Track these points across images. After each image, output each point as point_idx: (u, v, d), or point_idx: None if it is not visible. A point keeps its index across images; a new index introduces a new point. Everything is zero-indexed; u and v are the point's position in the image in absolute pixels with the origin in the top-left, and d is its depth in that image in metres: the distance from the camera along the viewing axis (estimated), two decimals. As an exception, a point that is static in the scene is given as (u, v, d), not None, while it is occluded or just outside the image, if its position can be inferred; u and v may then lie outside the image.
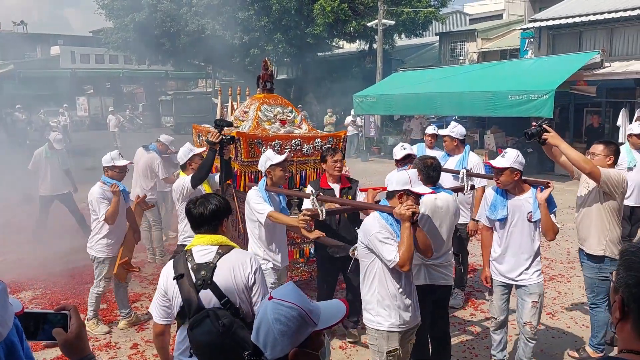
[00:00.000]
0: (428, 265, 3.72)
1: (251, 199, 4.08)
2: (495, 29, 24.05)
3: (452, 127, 5.63)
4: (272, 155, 4.13)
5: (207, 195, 2.84)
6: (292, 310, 1.56)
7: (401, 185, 3.09)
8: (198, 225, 2.71)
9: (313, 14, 20.93)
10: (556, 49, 15.59)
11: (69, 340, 1.50)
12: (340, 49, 29.15)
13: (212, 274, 2.57)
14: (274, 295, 1.62)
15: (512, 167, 3.69)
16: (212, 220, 2.68)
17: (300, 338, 1.57)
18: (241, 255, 2.69)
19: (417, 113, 16.94)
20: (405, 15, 21.56)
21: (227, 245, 2.68)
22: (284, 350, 1.56)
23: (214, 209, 2.67)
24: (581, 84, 12.78)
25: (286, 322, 1.55)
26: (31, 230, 8.30)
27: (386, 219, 3.13)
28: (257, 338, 1.59)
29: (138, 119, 31.20)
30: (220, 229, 2.71)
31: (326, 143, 5.22)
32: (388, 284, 3.14)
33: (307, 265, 5.74)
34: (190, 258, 2.64)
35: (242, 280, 2.59)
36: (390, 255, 3.00)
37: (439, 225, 3.72)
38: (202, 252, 2.65)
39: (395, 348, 3.18)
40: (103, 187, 4.91)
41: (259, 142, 4.86)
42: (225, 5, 21.15)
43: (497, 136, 15.13)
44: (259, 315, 1.60)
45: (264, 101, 5.29)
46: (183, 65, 32.45)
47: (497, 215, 3.85)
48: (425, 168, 3.72)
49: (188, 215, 2.77)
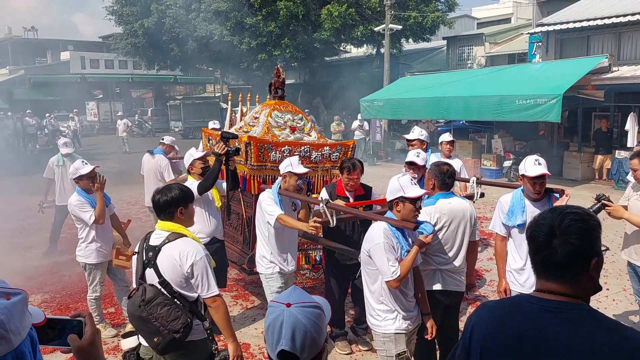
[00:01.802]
0: (443, 270, 3.74)
1: (263, 201, 4.16)
2: (503, 33, 24.02)
3: (419, 131, 5.80)
4: (295, 164, 4.21)
5: (168, 186, 3.16)
6: (316, 309, 1.63)
7: (394, 193, 3.20)
8: (157, 213, 3.08)
9: (320, 19, 21.02)
10: (564, 53, 15.56)
11: (82, 347, 1.52)
12: (348, 54, 29.22)
13: (156, 256, 2.93)
14: (290, 302, 1.64)
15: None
16: (167, 208, 3.02)
17: (325, 332, 1.66)
18: (186, 245, 2.95)
19: (424, 118, 16.94)
20: (413, 20, 21.60)
21: (177, 233, 2.99)
22: (319, 348, 1.62)
23: (167, 199, 3.01)
24: (589, 88, 12.73)
25: (318, 321, 1.61)
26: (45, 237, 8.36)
27: (392, 229, 3.19)
28: (293, 345, 1.58)
29: (147, 124, 31.42)
30: (175, 216, 3.02)
31: (335, 151, 5.26)
32: (392, 289, 3.19)
33: (313, 272, 5.78)
34: (147, 239, 3.05)
35: (180, 267, 2.90)
36: (390, 270, 3.07)
37: (455, 230, 3.72)
38: (156, 236, 3.02)
39: (404, 350, 3.23)
40: (79, 195, 4.87)
41: (269, 147, 4.92)
42: (233, 11, 21.29)
43: (505, 140, 15.09)
44: (289, 324, 1.59)
45: (275, 108, 5.36)
46: (191, 70, 32.69)
47: (516, 221, 3.76)
48: (440, 175, 3.74)
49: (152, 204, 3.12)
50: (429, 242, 3.26)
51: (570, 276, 1.54)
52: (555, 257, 1.53)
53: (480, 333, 1.67)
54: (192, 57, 25.95)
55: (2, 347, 1.22)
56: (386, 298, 3.21)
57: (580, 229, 1.53)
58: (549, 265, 1.56)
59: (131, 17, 25.51)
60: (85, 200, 4.86)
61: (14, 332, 1.25)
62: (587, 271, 1.54)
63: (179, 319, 2.85)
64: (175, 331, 2.84)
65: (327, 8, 20.72)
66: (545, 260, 1.56)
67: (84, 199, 4.86)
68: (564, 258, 1.52)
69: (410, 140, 5.75)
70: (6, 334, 1.22)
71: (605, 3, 14.71)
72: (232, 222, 5.92)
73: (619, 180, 12.67)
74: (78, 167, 4.88)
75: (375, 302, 3.26)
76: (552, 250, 1.53)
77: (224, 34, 21.69)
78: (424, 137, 5.72)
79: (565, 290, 1.55)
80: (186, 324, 2.87)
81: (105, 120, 34.55)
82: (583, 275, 1.54)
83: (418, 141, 5.67)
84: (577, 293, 1.55)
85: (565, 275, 1.54)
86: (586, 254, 1.53)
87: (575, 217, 1.55)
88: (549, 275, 1.57)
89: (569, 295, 1.54)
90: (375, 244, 3.12)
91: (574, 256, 1.52)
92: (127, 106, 37.33)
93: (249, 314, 5.66)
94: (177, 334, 2.84)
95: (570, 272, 1.54)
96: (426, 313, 3.41)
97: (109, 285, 5.61)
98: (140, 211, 10.77)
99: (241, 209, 5.60)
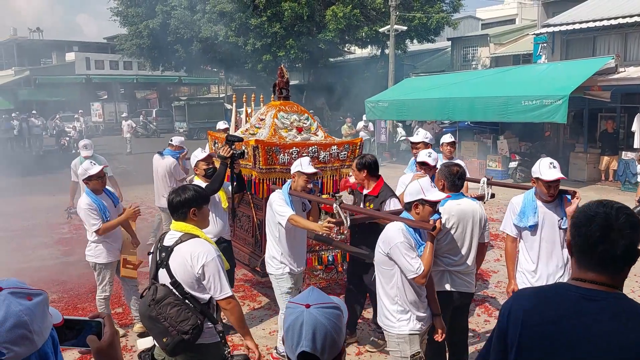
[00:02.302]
0: (452, 271, 3.73)
1: (274, 202, 4.16)
2: (508, 34, 23.95)
3: (424, 133, 5.80)
4: (305, 164, 4.21)
5: (183, 187, 3.17)
6: (336, 309, 1.62)
7: (414, 195, 3.18)
8: (171, 213, 3.09)
9: (325, 19, 21.03)
10: (570, 53, 15.52)
11: (102, 348, 1.52)
12: (352, 54, 29.22)
13: (169, 257, 2.94)
14: (309, 303, 1.63)
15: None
16: (180, 208, 3.02)
17: (345, 332, 1.66)
18: (197, 246, 2.94)
19: (429, 118, 16.91)
20: (417, 21, 21.59)
21: (190, 234, 2.98)
22: (339, 348, 1.62)
23: (180, 200, 3.02)
24: (595, 89, 12.69)
25: (338, 322, 1.61)
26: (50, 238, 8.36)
27: (409, 229, 3.20)
28: (314, 346, 1.57)
29: (152, 125, 31.51)
30: (188, 217, 3.02)
31: (342, 150, 5.26)
32: (406, 290, 3.20)
33: (325, 272, 5.77)
34: (162, 240, 3.06)
35: (191, 268, 2.89)
36: (414, 266, 3.07)
37: (464, 231, 3.71)
38: (170, 237, 3.03)
39: (418, 351, 3.24)
40: (89, 199, 4.84)
41: (277, 149, 4.92)
42: (238, 12, 21.33)
43: (511, 142, 15.05)
44: (309, 325, 1.58)
45: (280, 109, 5.34)
46: (196, 71, 32.75)
47: (528, 222, 3.75)
48: (450, 176, 3.72)
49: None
50: (439, 228, 3.17)
51: (620, 268, 1.61)
52: (613, 250, 1.58)
53: (518, 318, 1.69)
54: (197, 58, 26.01)
55: (27, 348, 1.24)
56: (401, 299, 3.21)
57: (635, 224, 1.60)
58: (605, 259, 1.60)
59: (136, 18, 25.59)
60: (95, 206, 4.81)
61: (37, 333, 1.26)
62: (632, 264, 1.62)
63: (188, 320, 2.84)
64: (184, 332, 2.83)
65: (332, 9, 20.73)
66: (603, 253, 1.60)
67: (93, 204, 4.81)
68: (622, 251, 1.58)
69: (415, 143, 5.75)
70: (30, 335, 1.24)
71: (611, 3, 14.66)
72: (242, 224, 5.92)
73: (626, 182, 12.62)
74: (87, 168, 4.87)
75: (389, 302, 3.26)
76: (611, 244, 1.58)
77: (229, 35, 21.73)
78: (428, 140, 5.73)
79: (607, 280, 1.61)
80: (196, 326, 2.85)
81: (110, 121, 34.63)
82: (628, 267, 1.62)
83: (422, 144, 5.67)
84: (616, 283, 1.63)
85: (616, 267, 1.61)
86: (637, 248, 1.61)
87: (627, 212, 1.63)
88: (595, 266, 1.62)
89: (608, 285, 1.61)
90: (395, 244, 3.11)
91: (631, 250, 1.59)
92: (131, 107, 37.41)
93: (257, 315, 5.66)
94: (185, 335, 2.83)
95: (621, 264, 1.61)
96: (437, 314, 3.41)
97: (116, 285, 5.62)
98: (145, 211, 10.78)
99: (252, 212, 5.60)
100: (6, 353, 1.19)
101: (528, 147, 14.73)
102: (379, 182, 4.43)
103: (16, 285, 1.28)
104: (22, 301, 1.25)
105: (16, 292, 1.25)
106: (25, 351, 1.23)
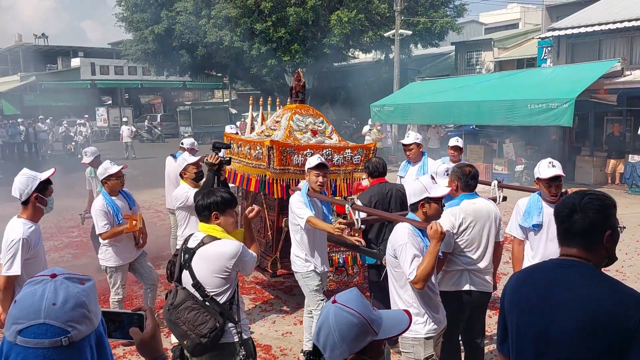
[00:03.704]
0: (470, 270, 3.73)
1: (293, 204, 4.23)
2: (512, 38, 24.01)
3: (415, 135, 5.94)
4: (311, 159, 4.29)
5: (211, 190, 3.23)
6: (353, 317, 1.58)
7: (419, 195, 3.18)
8: (197, 214, 3.17)
9: (330, 24, 21.11)
10: (575, 57, 15.55)
11: (145, 340, 1.59)
12: (356, 59, 29.30)
13: (192, 259, 2.99)
14: (337, 299, 1.63)
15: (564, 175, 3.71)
16: (202, 211, 3.08)
17: (359, 345, 1.59)
18: (221, 247, 2.97)
19: (435, 122, 16.93)
20: (422, 26, 21.64)
21: (212, 236, 3.01)
22: (343, 355, 1.58)
23: (203, 203, 3.07)
24: (601, 92, 12.72)
25: (346, 328, 1.57)
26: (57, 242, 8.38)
27: (416, 231, 3.19)
28: (317, 339, 1.62)
29: (156, 129, 31.66)
30: (210, 220, 3.06)
31: (356, 154, 5.31)
32: (420, 292, 3.16)
33: (336, 274, 5.80)
34: (187, 241, 3.12)
35: (217, 268, 2.94)
36: (409, 271, 3.04)
37: (481, 230, 3.73)
38: (194, 238, 3.08)
39: (432, 354, 3.22)
40: (104, 200, 4.86)
41: (292, 150, 4.97)
42: (243, 17, 21.42)
43: (517, 145, 15.07)
44: (321, 318, 1.63)
45: (296, 111, 5.41)
46: (200, 76, 32.85)
47: (532, 221, 3.79)
48: (463, 176, 3.75)
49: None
50: (441, 231, 3.00)
51: (587, 244, 1.87)
52: (575, 227, 1.87)
53: (508, 293, 2.04)
54: (202, 63, 26.10)
55: (87, 327, 1.32)
56: (416, 301, 3.18)
57: (597, 205, 1.86)
58: (569, 234, 1.90)
59: (141, 23, 25.69)
60: (109, 208, 4.82)
61: (94, 313, 1.35)
62: (601, 241, 1.86)
63: (206, 324, 2.89)
64: (202, 335, 2.88)
65: (337, 14, 20.80)
66: (567, 230, 1.90)
67: (107, 207, 4.82)
68: (582, 228, 1.86)
69: (407, 145, 5.83)
70: (89, 314, 1.32)
71: (617, 7, 14.70)
72: (254, 224, 5.95)
73: (633, 185, 12.63)
74: (107, 167, 4.90)
75: (404, 305, 3.22)
76: (573, 222, 1.87)
77: (234, 40, 21.81)
78: (419, 141, 5.90)
79: (580, 254, 1.89)
80: (214, 329, 2.89)
81: (115, 125, 34.70)
82: (598, 244, 1.86)
83: (415, 145, 5.80)
84: (590, 258, 1.88)
85: (583, 242, 1.88)
86: (601, 226, 1.85)
87: (592, 197, 1.90)
88: (570, 243, 1.91)
89: (580, 257, 1.88)
90: (399, 245, 3.12)
91: (591, 227, 1.85)
92: (136, 112, 37.56)
93: (269, 317, 5.69)
94: (203, 339, 2.88)
95: (587, 240, 1.87)
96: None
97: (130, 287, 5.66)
98: (154, 215, 10.85)
99: (264, 212, 5.64)
100: (71, 331, 1.27)
101: (534, 151, 14.74)
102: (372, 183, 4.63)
103: (67, 272, 1.36)
104: (77, 285, 1.33)
105: (70, 277, 1.34)
106: (85, 330, 1.31)
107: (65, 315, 1.27)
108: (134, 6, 25.96)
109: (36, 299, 1.27)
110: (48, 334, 1.24)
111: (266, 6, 21.07)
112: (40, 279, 1.32)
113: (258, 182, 5.20)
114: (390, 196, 4.55)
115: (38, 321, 1.25)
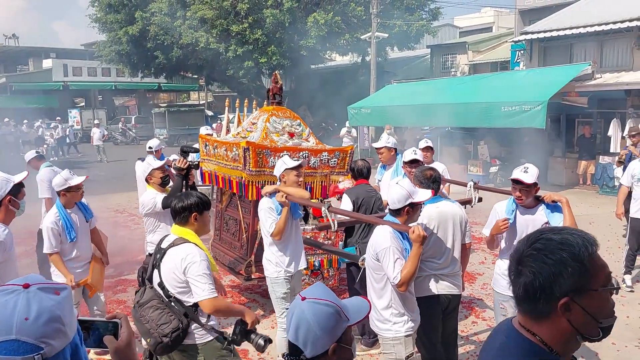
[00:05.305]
0: (437, 275, 3.73)
1: (261, 210, 4.17)
2: (486, 42, 24.41)
3: (386, 138, 5.99)
4: (287, 160, 4.26)
5: (187, 193, 3.29)
6: (328, 307, 1.64)
7: (404, 201, 3.20)
8: (173, 217, 3.22)
9: (306, 26, 21.12)
10: (547, 60, 15.85)
11: (119, 348, 1.55)
12: (333, 62, 29.38)
13: (162, 259, 3.06)
14: (305, 295, 1.68)
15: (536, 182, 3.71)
16: (182, 212, 3.13)
17: (338, 333, 1.65)
18: (183, 252, 3.00)
19: (412, 124, 17.08)
20: (398, 28, 21.81)
21: (182, 238, 3.08)
22: (325, 346, 1.63)
23: (183, 205, 3.12)
24: (573, 95, 12.98)
25: (325, 319, 1.62)
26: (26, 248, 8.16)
27: (396, 233, 3.21)
28: (296, 338, 1.64)
29: (131, 132, 31.20)
30: (189, 221, 3.13)
31: (333, 157, 5.29)
32: (400, 294, 3.20)
33: (311, 277, 5.78)
34: (161, 242, 3.19)
35: (176, 272, 2.98)
36: (393, 274, 3.07)
37: (445, 233, 3.74)
38: (167, 239, 3.15)
39: (412, 352, 3.27)
40: (57, 215, 4.32)
41: (268, 152, 4.93)
42: (219, 19, 21.29)
43: (491, 147, 15.30)
44: (296, 317, 1.64)
45: (273, 113, 5.36)
46: (175, 78, 32.54)
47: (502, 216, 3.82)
48: (425, 180, 3.73)
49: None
50: (422, 234, 3.07)
51: (533, 311, 1.34)
52: (515, 286, 1.35)
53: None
54: (177, 64, 25.86)
55: (61, 341, 1.26)
56: (395, 302, 3.21)
57: (540, 261, 1.29)
58: (514, 294, 1.37)
59: (115, 24, 25.32)
60: (62, 225, 4.30)
61: (69, 326, 1.29)
62: (554, 311, 1.29)
63: (169, 324, 2.94)
64: (164, 335, 2.93)
65: (314, 16, 20.83)
66: (513, 287, 1.37)
67: (60, 223, 4.30)
68: (524, 289, 1.31)
69: (379, 149, 5.87)
70: (63, 327, 1.26)
71: (587, 12, 15.03)
72: (229, 227, 5.90)
73: (603, 185, 12.92)
74: (67, 178, 4.34)
75: (383, 307, 3.25)
76: (515, 278, 1.35)
77: (210, 42, 21.66)
78: (391, 144, 5.89)
79: (527, 325, 1.36)
80: (176, 329, 2.94)
81: (88, 128, 34.02)
82: (551, 314, 1.30)
83: (385, 149, 5.83)
84: (541, 334, 1.33)
85: (528, 309, 1.34)
86: (549, 289, 1.28)
87: (539, 247, 1.31)
88: (519, 306, 1.38)
89: (530, 331, 1.35)
90: (382, 249, 3.12)
91: (534, 289, 1.29)
92: (110, 114, 36.99)
93: (246, 320, 5.63)
94: (165, 338, 2.93)
95: (532, 307, 1.33)
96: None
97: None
98: (128, 219, 10.68)
99: (239, 215, 5.59)
100: (44, 347, 1.21)
101: (508, 152, 14.97)
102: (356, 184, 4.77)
103: (41, 280, 1.29)
104: (52, 296, 1.27)
105: (44, 288, 1.27)
106: (60, 345, 1.25)
107: (38, 331, 1.20)
108: (108, 7, 25.58)
109: (7, 313, 1.20)
110: (20, 351, 1.18)
111: (242, 8, 20.99)
112: (13, 288, 1.24)
113: (237, 184, 5.16)
114: (376, 198, 4.77)
115: (9, 337, 1.18)
